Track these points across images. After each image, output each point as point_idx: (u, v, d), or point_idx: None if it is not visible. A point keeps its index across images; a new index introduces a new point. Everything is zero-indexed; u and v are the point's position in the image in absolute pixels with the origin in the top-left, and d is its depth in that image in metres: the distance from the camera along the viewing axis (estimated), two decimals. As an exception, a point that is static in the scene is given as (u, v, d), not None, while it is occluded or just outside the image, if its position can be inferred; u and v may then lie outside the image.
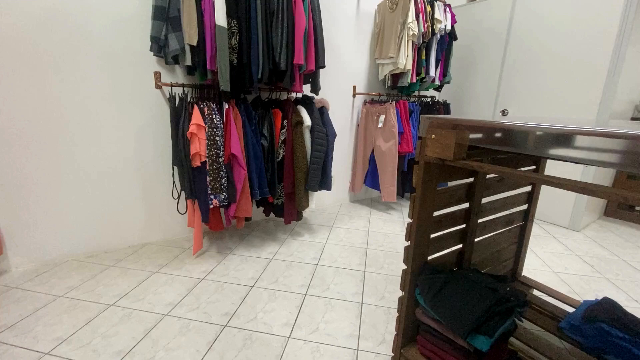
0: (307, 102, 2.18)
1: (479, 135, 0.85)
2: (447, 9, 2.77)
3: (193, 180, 1.82)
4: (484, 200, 1.24)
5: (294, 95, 2.30)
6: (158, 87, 1.94)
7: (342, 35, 2.68)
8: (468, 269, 1.24)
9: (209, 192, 1.79)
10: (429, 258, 1.16)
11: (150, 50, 1.61)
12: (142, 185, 2.06)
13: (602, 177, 2.78)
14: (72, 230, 1.90)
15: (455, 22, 2.83)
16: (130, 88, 1.90)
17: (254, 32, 1.77)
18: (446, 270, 1.19)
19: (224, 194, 1.84)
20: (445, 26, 2.73)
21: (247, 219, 2.14)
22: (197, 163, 1.76)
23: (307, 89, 2.45)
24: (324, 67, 2.04)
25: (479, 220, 1.34)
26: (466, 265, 1.33)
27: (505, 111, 3.02)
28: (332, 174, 2.98)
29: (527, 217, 1.58)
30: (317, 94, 2.20)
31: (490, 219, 1.39)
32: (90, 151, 1.86)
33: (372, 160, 2.94)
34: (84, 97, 1.78)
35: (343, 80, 2.81)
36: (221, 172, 1.82)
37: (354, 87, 2.91)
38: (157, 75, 1.93)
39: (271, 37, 1.83)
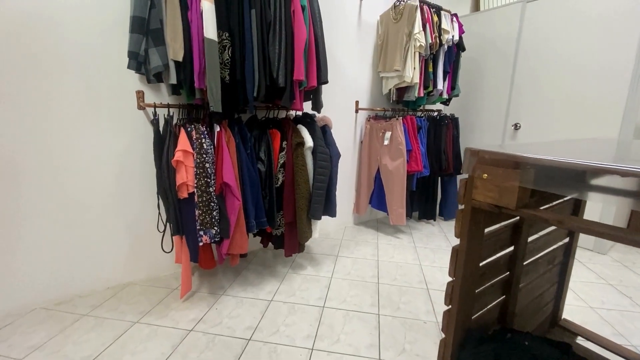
0: (308, 120, 1.97)
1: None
2: (454, 19, 2.61)
3: (180, 214, 1.58)
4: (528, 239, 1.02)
5: (293, 113, 2.10)
6: (141, 107, 1.73)
7: (342, 47, 2.50)
8: (515, 331, 1.00)
9: (198, 227, 1.56)
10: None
11: (129, 67, 1.39)
12: (124, 217, 1.82)
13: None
14: (40, 273, 1.64)
15: (463, 32, 2.67)
16: (110, 109, 1.68)
17: (248, 45, 1.57)
18: (489, 332, 0.96)
19: (215, 228, 1.60)
20: (453, 36, 2.56)
21: (242, 255, 1.90)
22: (184, 194, 1.53)
23: (307, 106, 2.24)
24: (326, 82, 1.84)
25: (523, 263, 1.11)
26: (509, 319, 1.10)
27: (518, 125, 2.84)
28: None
29: (568, 252, 1.36)
30: (319, 112, 1.99)
31: (532, 260, 1.17)
32: (62, 180, 1.62)
33: (377, 180, 2.73)
34: (55, 119, 1.56)
35: (344, 95, 2.62)
36: (212, 204, 1.58)
37: (357, 102, 2.72)
38: (140, 95, 1.71)
39: (268, 50, 1.63)
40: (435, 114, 2.96)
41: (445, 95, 2.75)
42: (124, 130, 1.73)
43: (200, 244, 1.57)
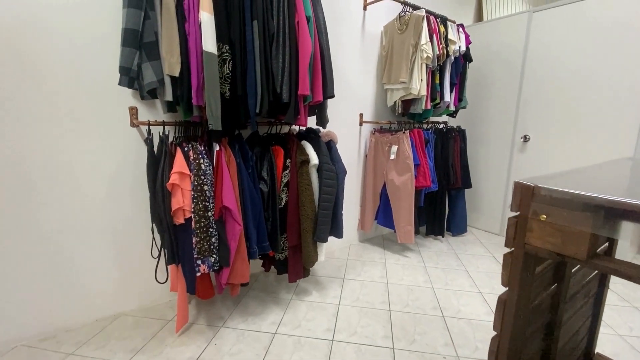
0: (312, 136, 1.86)
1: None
2: (460, 29, 2.53)
3: (175, 242, 1.45)
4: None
5: (296, 128, 1.99)
6: (134, 125, 1.61)
7: (345, 58, 2.41)
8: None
9: (195, 255, 1.42)
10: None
11: (120, 83, 1.28)
12: (115, 242, 1.68)
13: None
14: (22, 305, 1.49)
15: (470, 42, 2.60)
16: (101, 126, 1.56)
17: (250, 58, 1.47)
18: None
19: (214, 256, 1.47)
20: (460, 47, 2.48)
21: (244, 284, 1.76)
22: (180, 220, 1.40)
23: (311, 120, 2.12)
24: (333, 96, 1.74)
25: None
26: (549, 366, 0.97)
27: (527, 137, 2.74)
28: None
29: (603, 282, 1.24)
30: (324, 127, 1.88)
31: (571, 295, 1.05)
32: (46, 201, 1.49)
33: (383, 195, 2.61)
34: (41, 137, 1.43)
35: (348, 107, 2.52)
36: (210, 230, 1.45)
37: (361, 115, 2.62)
38: (134, 111, 1.60)
39: (271, 64, 1.53)
40: (442, 126, 2.87)
41: (452, 107, 2.66)
42: (115, 149, 1.61)
43: (198, 274, 1.43)
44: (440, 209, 2.83)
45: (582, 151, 2.42)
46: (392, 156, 2.46)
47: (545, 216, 0.57)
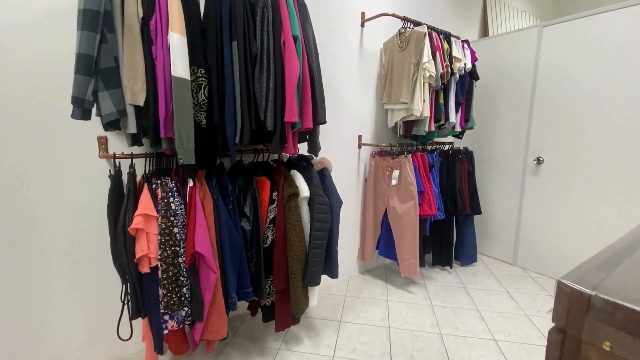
0: (304, 164, 1.69)
1: None
2: (466, 45, 2.37)
3: (140, 293, 1.25)
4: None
5: (287, 155, 1.81)
6: (104, 156, 1.44)
7: (342, 77, 2.25)
8: None
9: (162, 310, 1.23)
10: None
11: (72, 116, 1.11)
12: (81, 285, 1.50)
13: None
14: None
15: (476, 59, 2.43)
16: (67, 157, 1.40)
17: (228, 83, 1.30)
18: None
19: (185, 309, 1.27)
20: (465, 65, 2.31)
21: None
22: (145, 269, 1.21)
23: (302, 147, 1.94)
24: (324, 122, 1.56)
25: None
26: None
27: (541, 159, 2.53)
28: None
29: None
30: (316, 155, 1.70)
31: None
32: (2, 241, 1.32)
33: (385, 224, 2.40)
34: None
35: (346, 128, 2.35)
36: (181, 279, 1.26)
37: (359, 137, 2.44)
38: (102, 141, 1.44)
39: (253, 88, 1.37)
40: (447, 147, 2.68)
41: (458, 128, 2.47)
42: (82, 182, 1.44)
43: (165, 331, 1.23)
44: (447, 237, 2.60)
45: (602, 174, 2.20)
46: (394, 182, 2.26)
47: (609, 345, 0.37)
